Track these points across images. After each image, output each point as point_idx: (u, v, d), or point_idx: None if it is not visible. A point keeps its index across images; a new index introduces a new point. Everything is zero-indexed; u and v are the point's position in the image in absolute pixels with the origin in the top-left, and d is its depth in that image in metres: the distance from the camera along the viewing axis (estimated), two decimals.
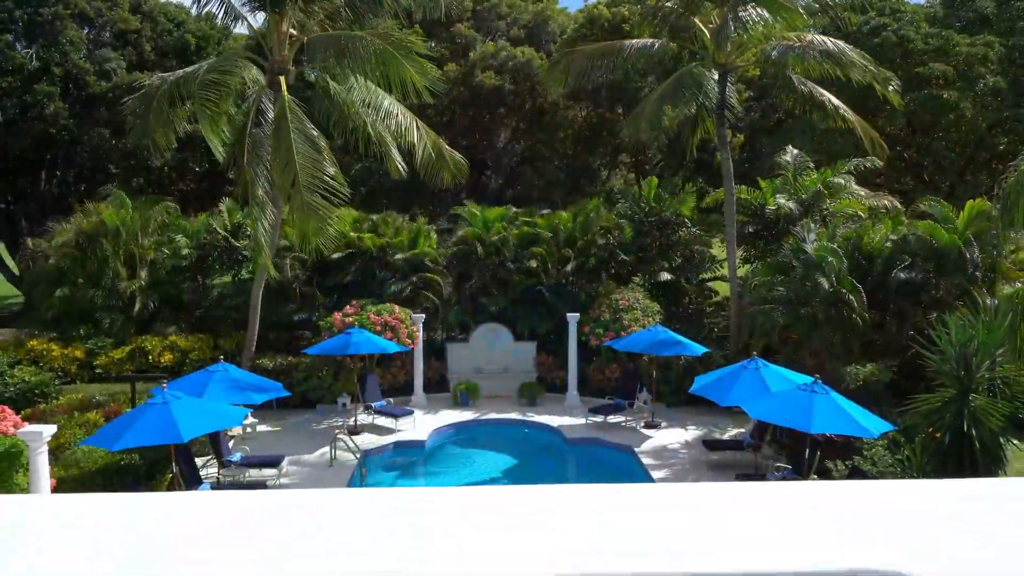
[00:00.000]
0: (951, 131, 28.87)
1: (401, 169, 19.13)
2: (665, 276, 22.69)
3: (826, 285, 16.68)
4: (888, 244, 17.71)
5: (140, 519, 1.51)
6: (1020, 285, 14.92)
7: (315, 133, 17.43)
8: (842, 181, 21.80)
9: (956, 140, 29.30)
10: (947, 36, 27.64)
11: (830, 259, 16.93)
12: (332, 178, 16.94)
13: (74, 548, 1.42)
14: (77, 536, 1.45)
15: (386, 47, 16.66)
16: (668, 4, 20.08)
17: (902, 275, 16.99)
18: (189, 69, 18.38)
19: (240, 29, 34.71)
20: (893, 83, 18.56)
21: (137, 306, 20.39)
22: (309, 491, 1.65)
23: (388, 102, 18.62)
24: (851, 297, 16.50)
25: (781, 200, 21.35)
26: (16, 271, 33.99)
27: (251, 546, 1.32)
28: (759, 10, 17.67)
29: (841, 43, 19.62)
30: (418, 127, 18.99)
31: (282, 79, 17.87)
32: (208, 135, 17.59)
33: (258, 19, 19.62)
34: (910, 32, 28.05)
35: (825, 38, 19.80)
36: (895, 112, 28.70)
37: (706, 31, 19.47)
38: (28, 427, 10.50)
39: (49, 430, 10.14)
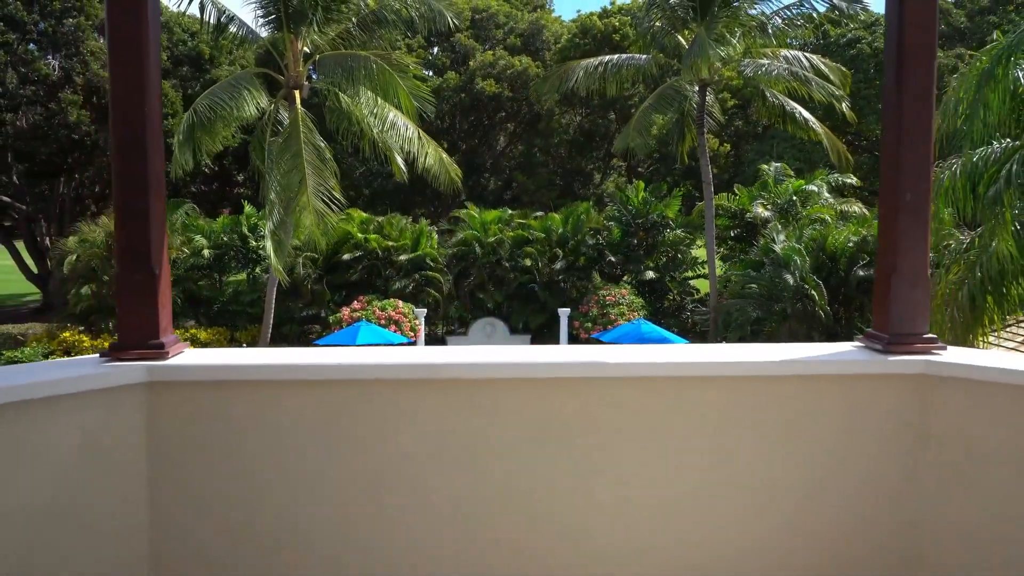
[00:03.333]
0: None
1: (403, 172, 20.66)
2: (650, 274, 24.33)
3: (791, 281, 18.36)
4: (850, 244, 19.36)
5: None
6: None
7: (322, 145, 19.13)
8: (815, 188, 23.52)
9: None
10: None
11: (795, 258, 18.60)
12: (331, 189, 18.66)
13: None
14: None
15: (386, 67, 18.39)
16: (657, 24, 21.75)
17: (861, 272, 18.66)
18: (211, 90, 19.99)
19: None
20: (846, 101, 20.27)
21: None
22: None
23: (393, 114, 20.26)
24: (814, 292, 18.17)
25: (758, 209, 23.11)
26: (35, 270, 35.64)
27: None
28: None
29: (815, 58, 21.30)
30: (420, 137, 20.63)
31: (296, 92, 19.54)
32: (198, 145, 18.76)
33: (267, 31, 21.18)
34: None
35: (800, 53, 21.49)
36: (873, 119, 30.43)
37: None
38: None
39: None
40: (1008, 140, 10.50)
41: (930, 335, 2.74)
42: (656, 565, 2.69)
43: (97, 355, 2.62)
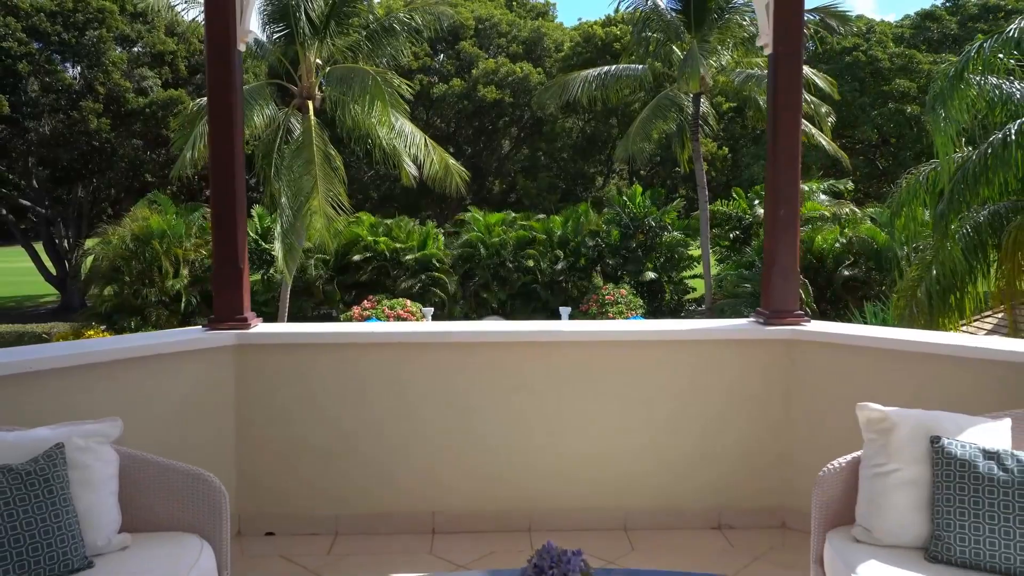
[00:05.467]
0: (916, 143, 31.42)
1: (412, 179, 21.74)
2: (649, 275, 25.31)
3: None
4: (837, 245, 20.33)
5: None
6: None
7: (332, 153, 20.26)
8: (807, 189, 24.55)
9: (921, 151, 31.85)
10: (910, 55, 30.24)
11: None
12: (339, 194, 19.77)
13: None
14: None
15: (380, 84, 19.55)
16: (655, 35, 22.77)
17: (846, 272, 19.63)
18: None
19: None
20: (826, 112, 21.28)
21: (183, 302, 23.18)
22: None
23: (400, 122, 21.32)
24: (802, 291, 19.13)
25: (759, 209, 24.15)
26: (54, 271, 36.83)
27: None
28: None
29: (806, 68, 22.27)
30: (426, 143, 21.68)
31: (310, 103, 20.63)
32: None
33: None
34: (878, 52, 30.66)
35: None
36: (868, 124, 31.39)
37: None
38: None
39: None
40: (969, 148, 11.46)
41: (799, 311, 3.75)
42: (596, 470, 3.74)
43: (200, 327, 3.66)
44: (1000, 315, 14.05)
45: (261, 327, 3.74)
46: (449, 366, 3.70)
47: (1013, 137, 8.20)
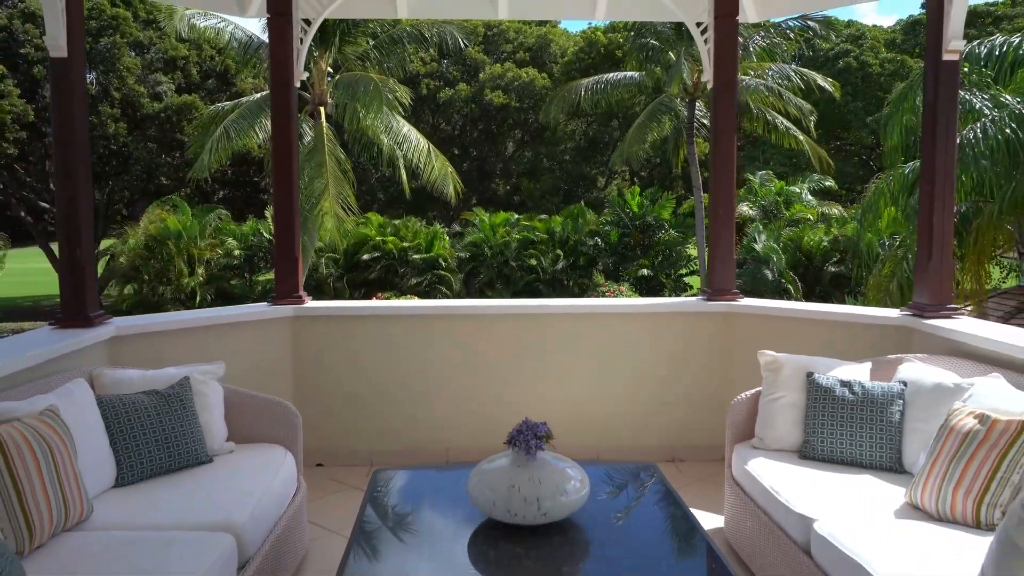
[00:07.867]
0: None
1: (408, 187, 22.74)
2: (646, 272, 26.27)
3: (770, 277, 20.30)
4: (824, 244, 21.28)
5: None
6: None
7: (342, 156, 21.30)
8: (797, 190, 25.48)
9: (914, 154, 32.70)
10: (902, 61, 31.18)
11: (774, 256, 20.54)
12: (348, 196, 20.80)
13: None
14: None
15: (380, 92, 20.55)
16: (652, 42, 23.77)
17: (833, 268, 20.59)
18: (235, 102, 22.12)
19: None
20: (813, 116, 22.20)
21: (197, 299, 24.23)
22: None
23: (407, 128, 22.33)
24: (790, 287, 20.11)
25: (744, 208, 25.07)
26: None
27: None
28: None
29: (807, 71, 23.24)
30: (429, 150, 22.66)
31: (322, 108, 21.66)
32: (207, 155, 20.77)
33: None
34: (869, 57, 31.60)
35: (790, 68, 23.42)
36: (862, 128, 32.32)
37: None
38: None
39: None
40: None
41: (735, 290, 4.75)
42: (576, 416, 4.74)
43: (265, 303, 4.68)
44: (969, 307, 15.04)
45: (312, 303, 4.75)
46: (461, 333, 4.70)
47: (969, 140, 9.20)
